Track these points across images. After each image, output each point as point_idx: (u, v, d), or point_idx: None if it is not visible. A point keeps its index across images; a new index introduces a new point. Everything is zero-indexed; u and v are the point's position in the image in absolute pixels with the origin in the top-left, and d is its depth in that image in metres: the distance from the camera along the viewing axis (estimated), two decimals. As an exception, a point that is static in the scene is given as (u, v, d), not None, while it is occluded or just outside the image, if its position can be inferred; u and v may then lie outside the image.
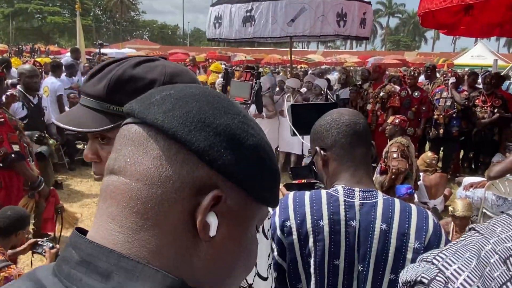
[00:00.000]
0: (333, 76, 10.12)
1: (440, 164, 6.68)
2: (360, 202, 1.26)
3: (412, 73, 6.77)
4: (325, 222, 1.25)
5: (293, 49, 16.24)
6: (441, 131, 6.47)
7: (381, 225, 1.23)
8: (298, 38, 7.98)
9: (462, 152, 7.23)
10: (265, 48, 32.26)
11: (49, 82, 6.67)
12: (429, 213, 1.29)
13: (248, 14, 7.02)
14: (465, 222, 3.69)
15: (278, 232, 1.29)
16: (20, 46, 29.59)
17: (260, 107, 2.15)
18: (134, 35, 66.12)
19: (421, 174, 5.42)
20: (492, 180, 4.41)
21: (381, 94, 6.76)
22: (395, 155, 5.06)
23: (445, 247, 0.97)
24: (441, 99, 6.56)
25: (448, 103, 6.48)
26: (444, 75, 6.83)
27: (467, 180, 5.20)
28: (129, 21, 68.09)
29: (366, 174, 1.32)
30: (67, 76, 7.46)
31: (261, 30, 7.02)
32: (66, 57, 9.45)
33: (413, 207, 1.28)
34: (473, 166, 7.14)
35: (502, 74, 12.23)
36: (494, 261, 0.89)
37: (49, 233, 3.68)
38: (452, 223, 3.86)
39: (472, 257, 0.90)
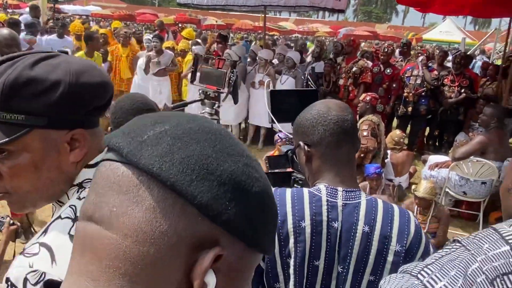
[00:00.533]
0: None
1: (406, 141, 6.84)
2: (343, 203, 1.22)
3: (386, 50, 6.77)
4: (307, 223, 1.22)
5: (269, 15, 15.95)
6: (410, 109, 6.57)
7: (363, 227, 1.21)
8: (272, 8, 7.77)
9: (427, 130, 7.39)
10: (237, 13, 31.50)
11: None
12: (411, 214, 1.27)
13: (223, -21, 6.76)
14: (425, 203, 3.79)
15: None
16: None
17: (237, 99, 2.06)
18: (99, -9, 62.74)
19: (388, 151, 5.51)
20: (457, 161, 4.54)
21: (354, 69, 6.74)
22: (365, 133, 5.11)
23: (430, 260, 0.95)
24: (411, 77, 6.62)
25: (418, 81, 6.55)
26: (419, 54, 6.85)
27: (432, 159, 5.33)
28: (94, -24, 64.49)
29: (350, 174, 1.29)
30: (29, 35, 6.98)
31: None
32: (24, 15, 8.82)
33: (396, 208, 1.26)
34: (437, 143, 7.33)
35: (469, 53, 12.48)
36: (480, 281, 0.87)
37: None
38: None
39: (459, 275, 0.88)
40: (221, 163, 0.43)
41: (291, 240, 1.22)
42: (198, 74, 2.01)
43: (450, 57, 8.70)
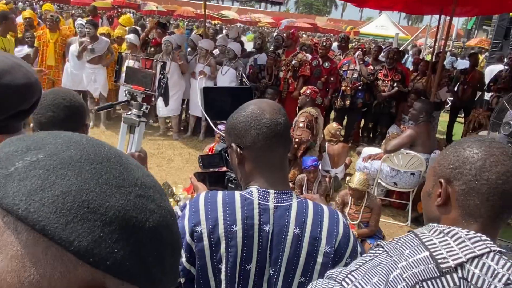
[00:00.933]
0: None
1: (342, 133, 7.06)
2: (274, 205, 1.23)
3: (324, 44, 6.90)
4: (238, 227, 1.21)
5: (207, 3, 15.64)
6: (348, 102, 6.77)
7: (294, 229, 1.22)
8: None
9: (362, 122, 7.67)
10: (178, -1, 30.77)
11: None
12: (340, 215, 1.29)
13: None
14: (359, 194, 3.94)
15: (187, 237, 1.21)
16: None
17: (168, 101, 1.97)
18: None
19: (325, 143, 5.65)
20: (388, 154, 4.76)
21: (293, 62, 6.82)
22: (301, 125, 5.21)
23: (355, 267, 0.96)
24: (348, 71, 6.81)
25: (355, 75, 6.76)
26: (358, 49, 7.06)
27: (366, 151, 5.55)
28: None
29: (282, 176, 1.30)
30: None
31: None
32: None
33: (325, 209, 1.28)
34: (371, 135, 7.64)
35: (401, 48, 13.08)
36: None
37: None
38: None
39: (381, 282, 0.89)
40: (106, 199, 0.37)
41: (223, 245, 1.20)
42: (123, 73, 1.89)
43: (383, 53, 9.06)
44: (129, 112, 1.91)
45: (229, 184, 1.67)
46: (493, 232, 0.96)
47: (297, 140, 5.13)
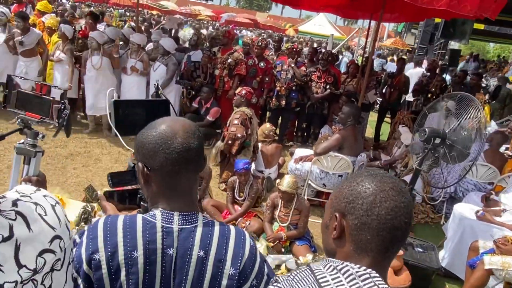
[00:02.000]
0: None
1: (278, 132, 7.16)
2: (178, 228, 1.19)
3: (260, 44, 6.92)
4: (139, 253, 1.16)
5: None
6: (283, 102, 6.86)
7: (198, 252, 1.19)
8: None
9: (296, 122, 7.81)
10: (114, -13, 29.38)
11: None
12: (247, 235, 1.28)
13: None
14: (288, 196, 4.00)
15: (85, 266, 1.14)
16: None
17: (69, 133, 1.83)
18: None
19: (259, 144, 5.69)
20: (318, 156, 4.88)
21: (229, 60, 6.79)
22: (235, 122, 5.20)
23: None
24: (282, 71, 6.90)
25: (289, 75, 6.86)
26: (291, 49, 7.14)
27: (298, 152, 5.65)
28: None
29: (189, 199, 1.26)
30: None
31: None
32: None
33: (232, 230, 1.26)
34: (305, 135, 7.81)
35: (336, 49, 13.50)
36: None
37: None
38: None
39: None
40: None
41: (123, 273, 1.15)
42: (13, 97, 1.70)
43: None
44: (22, 141, 1.73)
45: (141, 203, 1.60)
46: (383, 265, 0.98)
47: (231, 136, 5.11)
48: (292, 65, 6.81)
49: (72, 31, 6.43)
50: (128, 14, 21.47)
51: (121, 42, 7.06)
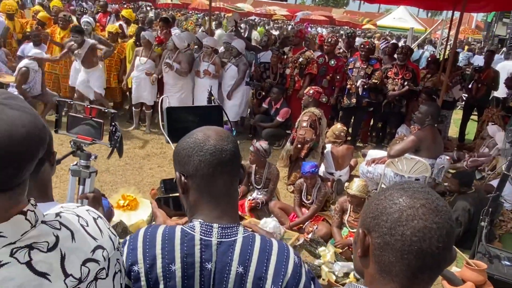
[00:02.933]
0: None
1: (350, 131, 6.91)
2: (217, 241, 1.14)
3: (330, 40, 6.73)
4: (177, 266, 1.12)
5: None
6: (353, 100, 6.60)
7: (237, 267, 1.13)
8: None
9: (371, 122, 7.48)
10: (194, -8, 30.57)
11: None
12: (291, 251, 1.20)
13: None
14: (357, 200, 3.81)
15: (125, 278, 1.13)
16: None
17: (121, 153, 1.88)
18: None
19: (329, 145, 5.52)
20: (392, 158, 4.60)
21: (300, 59, 6.68)
22: (304, 124, 5.09)
23: None
24: (354, 69, 6.62)
25: (361, 73, 6.57)
26: (363, 46, 6.84)
27: (371, 153, 5.40)
28: None
29: (228, 208, 1.20)
30: None
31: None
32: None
33: (275, 245, 1.19)
34: (380, 135, 7.45)
35: (415, 44, 12.74)
36: None
37: None
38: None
39: None
40: None
41: (161, 286, 1.13)
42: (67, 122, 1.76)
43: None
44: (76, 163, 1.79)
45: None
46: None
47: (300, 139, 5.01)
48: (360, 83, 6.49)
49: (153, 36, 6.71)
50: (206, 18, 22.17)
51: (195, 46, 7.26)
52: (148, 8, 24.29)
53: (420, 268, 0.83)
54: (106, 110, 1.80)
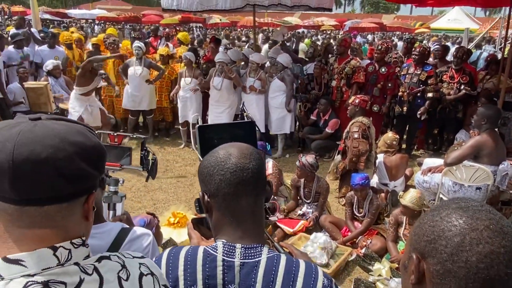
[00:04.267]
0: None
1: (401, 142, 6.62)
2: (240, 262, 1.10)
3: (380, 48, 6.54)
4: None
5: (269, 11, 15.50)
6: (405, 108, 6.34)
7: None
8: (259, 8, 7.56)
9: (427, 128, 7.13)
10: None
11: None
12: (320, 273, 1.13)
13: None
14: (411, 212, 3.61)
15: None
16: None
17: (154, 176, 1.92)
18: (106, -7, 62.83)
19: (382, 155, 5.31)
20: (449, 166, 4.34)
21: (346, 69, 6.55)
22: (356, 135, 4.93)
23: None
24: (407, 75, 6.37)
25: (414, 80, 6.31)
26: (414, 50, 6.59)
27: (427, 162, 5.13)
28: (100, -22, 64.53)
29: (252, 227, 1.16)
30: (15, 48, 6.96)
31: (222, 0, 6.63)
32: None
33: (302, 266, 1.13)
34: (437, 142, 7.09)
35: (472, 44, 12.07)
36: None
37: None
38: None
39: None
40: None
41: None
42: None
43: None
44: (106, 190, 1.82)
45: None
46: None
47: (355, 152, 4.84)
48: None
49: (194, 56, 6.88)
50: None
51: (242, 63, 7.35)
52: (199, 29, 25.10)
53: None
54: (135, 136, 1.84)
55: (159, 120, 7.74)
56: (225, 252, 1.11)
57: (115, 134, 1.81)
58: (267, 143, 4.85)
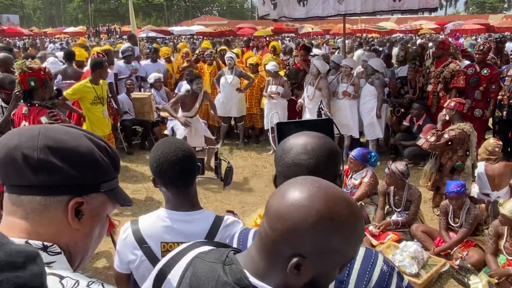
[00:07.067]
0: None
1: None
2: None
3: (482, 48, 6.08)
4: None
5: (363, 17, 15.16)
6: (505, 112, 5.80)
7: None
8: (351, 16, 7.51)
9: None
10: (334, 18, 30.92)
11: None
12: (380, 258, 1.13)
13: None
14: (509, 222, 3.30)
15: None
16: (97, 28, 31.41)
17: (228, 183, 2.11)
18: (204, 11, 66.79)
19: (483, 163, 4.91)
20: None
21: (444, 73, 6.18)
22: (446, 136, 4.65)
23: None
24: (507, 77, 5.83)
25: (516, 81, 5.75)
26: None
27: (537, 171, 4.63)
28: (199, -3, 68.85)
29: None
30: (125, 63, 7.75)
31: (314, 9, 6.74)
32: (125, 43, 9.72)
33: (361, 251, 1.13)
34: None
35: None
36: None
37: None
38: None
39: None
40: None
41: None
42: None
43: None
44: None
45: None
46: None
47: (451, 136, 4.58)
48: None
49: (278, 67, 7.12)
50: (346, 41, 22.18)
51: (332, 70, 7.33)
52: (291, 39, 25.44)
53: None
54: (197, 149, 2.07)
55: (249, 128, 8.03)
56: None
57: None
58: (372, 153, 4.75)
